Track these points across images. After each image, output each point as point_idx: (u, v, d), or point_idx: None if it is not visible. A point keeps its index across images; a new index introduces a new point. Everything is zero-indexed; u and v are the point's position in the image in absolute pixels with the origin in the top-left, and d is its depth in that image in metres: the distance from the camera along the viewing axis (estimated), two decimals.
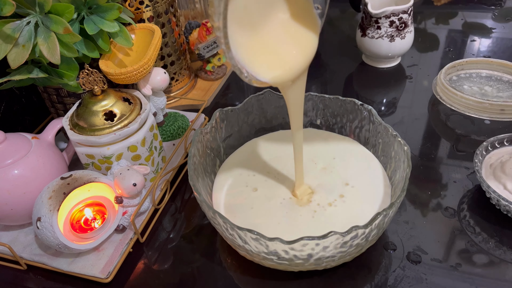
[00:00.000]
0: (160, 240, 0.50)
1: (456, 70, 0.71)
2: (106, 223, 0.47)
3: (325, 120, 0.57)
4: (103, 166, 0.50)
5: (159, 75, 0.56)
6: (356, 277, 0.44)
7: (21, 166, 0.46)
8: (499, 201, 0.46)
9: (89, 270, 0.45)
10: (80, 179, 0.45)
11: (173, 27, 0.68)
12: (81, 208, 0.47)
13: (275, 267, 0.42)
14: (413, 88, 0.73)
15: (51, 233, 0.42)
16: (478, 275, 0.43)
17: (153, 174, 0.55)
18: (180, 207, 0.54)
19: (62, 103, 0.56)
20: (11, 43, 0.42)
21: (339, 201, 0.47)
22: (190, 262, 0.47)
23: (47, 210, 0.43)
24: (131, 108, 0.50)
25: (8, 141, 0.47)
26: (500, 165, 0.49)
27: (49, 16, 0.43)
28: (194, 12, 0.85)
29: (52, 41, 0.43)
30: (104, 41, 0.50)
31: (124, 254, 0.47)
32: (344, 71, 0.79)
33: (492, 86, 0.68)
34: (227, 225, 0.38)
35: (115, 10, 0.49)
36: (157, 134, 0.54)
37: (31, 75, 0.46)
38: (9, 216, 0.47)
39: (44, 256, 0.47)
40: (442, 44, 0.84)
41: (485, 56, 0.79)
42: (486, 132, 0.61)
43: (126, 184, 0.46)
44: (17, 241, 0.49)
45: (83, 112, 0.49)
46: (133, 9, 0.62)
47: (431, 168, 0.56)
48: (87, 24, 0.48)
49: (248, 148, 0.56)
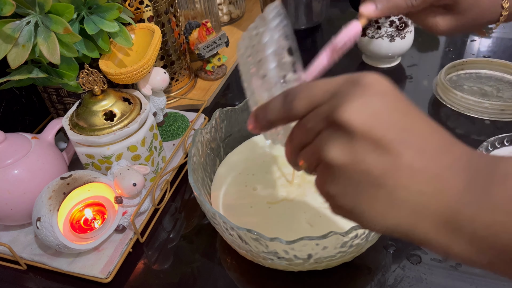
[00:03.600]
0: (160, 240, 0.50)
1: (456, 70, 0.71)
2: (106, 223, 0.47)
3: None
4: (103, 166, 0.50)
5: (159, 75, 0.56)
6: (356, 277, 0.44)
7: (21, 166, 0.46)
8: None
9: (89, 270, 0.45)
10: (80, 179, 0.45)
11: (173, 27, 0.68)
12: (81, 208, 0.47)
13: (275, 267, 0.42)
14: (413, 88, 0.73)
15: (51, 233, 0.42)
16: (478, 275, 0.43)
17: (153, 173, 0.55)
18: (180, 207, 0.54)
19: (62, 103, 0.56)
20: (11, 43, 0.42)
21: None
22: (190, 262, 0.47)
23: (47, 210, 0.43)
24: (131, 108, 0.50)
25: (8, 141, 0.47)
26: None
27: (49, 16, 0.43)
28: (194, 12, 0.85)
29: (52, 41, 0.43)
30: (104, 41, 0.50)
31: (124, 254, 0.47)
32: (344, 71, 0.79)
33: (492, 86, 0.68)
34: (227, 225, 0.38)
35: (115, 10, 0.49)
36: (157, 134, 0.54)
37: (31, 75, 0.46)
38: (9, 216, 0.47)
39: (44, 256, 0.47)
40: (442, 44, 0.84)
41: (485, 56, 0.79)
42: (486, 133, 0.61)
43: (126, 184, 0.46)
44: (17, 241, 0.49)
45: (83, 112, 0.49)
46: (133, 9, 0.62)
47: None
48: (87, 24, 0.48)
49: (247, 147, 0.56)
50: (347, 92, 0.24)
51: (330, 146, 0.24)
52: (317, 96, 0.26)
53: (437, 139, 0.24)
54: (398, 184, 0.23)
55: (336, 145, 0.24)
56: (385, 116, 0.23)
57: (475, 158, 0.24)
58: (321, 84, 0.26)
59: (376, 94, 0.24)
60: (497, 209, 0.22)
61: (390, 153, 0.23)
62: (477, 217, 0.22)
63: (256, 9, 1.05)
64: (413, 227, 0.24)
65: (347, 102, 0.24)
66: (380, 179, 0.24)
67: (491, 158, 0.24)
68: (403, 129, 0.24)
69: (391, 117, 0.24)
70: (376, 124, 0.23)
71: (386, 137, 0.23)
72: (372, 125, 0.23)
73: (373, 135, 0.23)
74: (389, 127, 0.23)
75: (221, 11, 0.96)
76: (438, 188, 0.23)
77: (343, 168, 0.24)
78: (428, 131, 0.24)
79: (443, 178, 0.23)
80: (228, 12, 0.98)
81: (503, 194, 0.22)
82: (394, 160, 0.23)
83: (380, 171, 0.23)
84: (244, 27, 0.97)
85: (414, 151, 0.23)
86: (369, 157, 0.23)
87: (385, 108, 0.24)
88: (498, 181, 0.22)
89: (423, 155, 0.23)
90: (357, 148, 0.24)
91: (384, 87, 0.24)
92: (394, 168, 0.23)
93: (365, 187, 0.24)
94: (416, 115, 0.25)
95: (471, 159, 0.24)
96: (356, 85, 0.24)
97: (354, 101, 0.24)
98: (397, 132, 0.23)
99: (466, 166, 0.23)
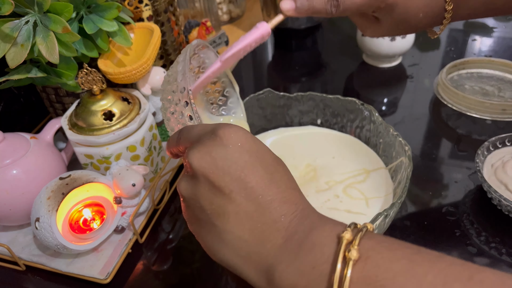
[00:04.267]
0: (160, 241, 0.50)
1: (457, 70, 0.71)
2: (105, 224, 0.47)
3: (326, 120, 0.57)
4: (102, 166, 0.50)
5: (158, 74, 0.56)
6: None
7: (19, 166, 0.46)
8: (500, 202, 0.46)
9: (88, 271, 0.45)
10: (79, 179, 0.45)
11: (173, 26, 0.68)
12: (80, 208, 0.47)
13: None
14: (414, 87, 0.72)
15: (50, 233, 0.42)
16: None
17: (152, 174, 0.54)
18: (180, 207, 0.54)
19: (60, 103, 0.56)
20: (9, 43, 0.42)
21: (338, 201, 0.47)
22: (190, 263, 0.47)
23: (46, 211, 0.43)
24: (130, 108, 0.50)
25: (7, 141, 0.47)
26: (501, 165, 0.49)
27: (48, 15, 0.43)
28: (193, 11, 0.85)
29: (51, 41, 0.43)
30: (103, 41, 0.50)
31: (123, 254, 0.47)
32: (345, 70, 0.79)
33: (494, 85, 0.67)
34: None
35: (114, 9, 0.48)
36: (156, 134, 0.54)
37: (29, 74, 0.46)
38: (8, 216, 0.47)
39: (42, 257, 0.47)
40: (443, 43, 0.84)
41: (486, 55, 0.79)
42: (487, 132, 0.60)
43: (125, 184, 0.46)
44: (15, 242, 0.49)
45: (82, 112, 0.48)
46: (132, 8, 0.62)
47: (432, 168, 0.56)
48: (86, 23, 0.47)
49: None
50: (202, 139, 0.28)
51: (181, 180, 0.29)
52: (191, 138, 0.30)
53: (269, 194, 0.26)
54: (226, 227, 0.26)
55: (185, 180, 0.29)
56: (222, 165, 0.26)
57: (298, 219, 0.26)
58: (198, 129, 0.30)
59: (220, 146, 0.27)
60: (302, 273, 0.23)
61: (221, 197, 0.26)
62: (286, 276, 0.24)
63: (256, 8, 1.04)
64: (240, 269, 0.27)
65: (195, 148, 0.28)
66: (212, 218, 0.27)
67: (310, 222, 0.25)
68: (236, 179, 0.26)
69: (227, 167, 0.26)
70: (212, 171, 0.26)
71: (219, 183, 0.26)
72: (209, 171, 0.26)
73: (209, 179, 0.26)
74: (223, 174, 0.26)
75: (221, 10, 0.96)
76: (259, 240, 0.26)
77: (187, 201, 0.29)
78: (265, 184, 0.26)
79: (265, 232, 0.26)
80: (228, 11, 0.97)
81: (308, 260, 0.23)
82: (224, 204, 0.26)
83: (212, 211, 0.27)
84: (244, 26, 0.97)
85: (242, 200, 0.26)
86: (204, 196, 0.27)
87: (224, 159, 0.26)
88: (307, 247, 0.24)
89: (250, 206, 0.26)
90: (197, 186, 0.27)
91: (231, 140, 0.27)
92: (223, 211, 0.26)
93: (203, 221, 0.28)
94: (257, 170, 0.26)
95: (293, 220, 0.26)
96: (211, 135, 0.28)
97: (200, 149, 0.27)
98: (229, 180, 0.26)
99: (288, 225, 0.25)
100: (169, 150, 0.33)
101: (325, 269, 0.23)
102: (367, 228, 0.24)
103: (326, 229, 0.24)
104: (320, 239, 0.24)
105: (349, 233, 0.23)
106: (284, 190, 0.27)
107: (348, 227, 0.24)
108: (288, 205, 0.26)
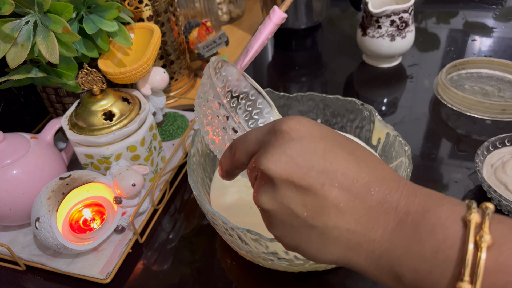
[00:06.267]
0: (160, 241, 0.50)
1: (457, 70, 0.71)
2: (105, 224, 0.47)
3: (326, 120, 0.57)
4: (102, 166, 0.50)
5: (158, 74, 0.56)
6: (356, 278, 0.43)
7: (20, 166, 0.46)
8: (500, 202, 0.46)
9: (88, 270, 0.45)
10: (79, 179, 0.45)
11: (173, 26, 0.68)
12: (80, 208, 0.47)
13: (275, 267, 0.41)
14: (413, 88, 0.72)
15: (50, 233, 0.42)
16: None
17: (152, 174, 0.54)
18: (180, 207, 0.54)
19: (61, 103, 0.56)
20: (10, 43, 0.42)
21: None
22: (190, 262, 0.47)
23: (46, 210, 0.43)
24: (130, 108, 0.50)
25: (7, 141, 0.47)
26: (501, 165, 0.49)
27: (48, 15, 0.43)
28: (193, 11, 0.85)
29: (51, 41, 0.43)
30: (103, 41, 0.50)
31: (123, 254, 0.47)
32: (345, 70, 0.79)
33: (493, 86, 0.67)
34: (226, 225, 0.38)
35: (114, 9, 0.49)
36: (156, 134, 0.54)
37: (30, 74, 0.46)
38: (8, 216, 0.47)
39: (43, 257, 0.47)
40: (443, 43, 0.84)
41: (486, 55, 0.79)
42: (487, 132, 0.60)
43: (125, 184, 0.46)
44: (16, 242, 0.49)
45: (82, 112, 0.48)
46: (132, 8, 0.62)
47: (432, 168, 0.56)
48: (86, 24, 0.48)
49: None
50: (267, 141, 0.26)
51: (260, 193, 0.26)
52: (250, 147, 0.28)
53: (363, 176, 0.24)
54: (328, 224, 0.24)
55: (264, 192, 0.26)
56: (302, 161, 0.24)
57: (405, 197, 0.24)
58: (253, 134, 0.28)
59: (291, 141, 0.25)
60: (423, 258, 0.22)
61: (314, 195, 0.24)
62: (405, 261, 0.22)
63: (256, 8, 1.04)
64: (349, 260, 0.25)
65: (266, 153, 0.25)
66: (309, 221, 0.24)
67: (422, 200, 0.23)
68: (323, 171, 0.24)
69: (308, 161, 0.24)
70: (294, 170, 0.24)
71: (307, 181, 0.24)
72: (290, 172, 0.24)
73: (293, 181, 0.24)
74: (308, 171, 0.24)
75: (221, 10, 0.96)
76: (368, 227, 0.24)
77: (274, 213, 0.26)
78: (352, 169, 0.24)
79: (372, 217, 0.24)
80: (228, 11, 0.97)
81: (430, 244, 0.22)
82: (319, 202, 0.24)
83: (307, 213, 0.24)
84: (244, 27, 0.97)
85: (337, 191, 0.24)
86: (293, 201, 0.24)
87: (302, 153, 0.24)
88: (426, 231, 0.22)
89: (349, 195, 0.24)
90: (281, 194, 0.25)
91: (300, 132, 0.25)
92: (321, 209, 0.24)
93: (298, 228, 0.25)
94: (339, 154, 0.24)
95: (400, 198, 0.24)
96: (274, 134, 0.26)
97: (271, 151, 0.25)
98: (316, 174, 0.24)
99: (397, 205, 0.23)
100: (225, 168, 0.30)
101: (451, 255, 0.21)
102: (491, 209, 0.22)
103: (444, 210, 0.22)
104: (441, 220, 0.22)
105: (477, 214, 0.21)
106: (375, 167, 0.25)
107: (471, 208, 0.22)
108: (388, 182, 0.24)
